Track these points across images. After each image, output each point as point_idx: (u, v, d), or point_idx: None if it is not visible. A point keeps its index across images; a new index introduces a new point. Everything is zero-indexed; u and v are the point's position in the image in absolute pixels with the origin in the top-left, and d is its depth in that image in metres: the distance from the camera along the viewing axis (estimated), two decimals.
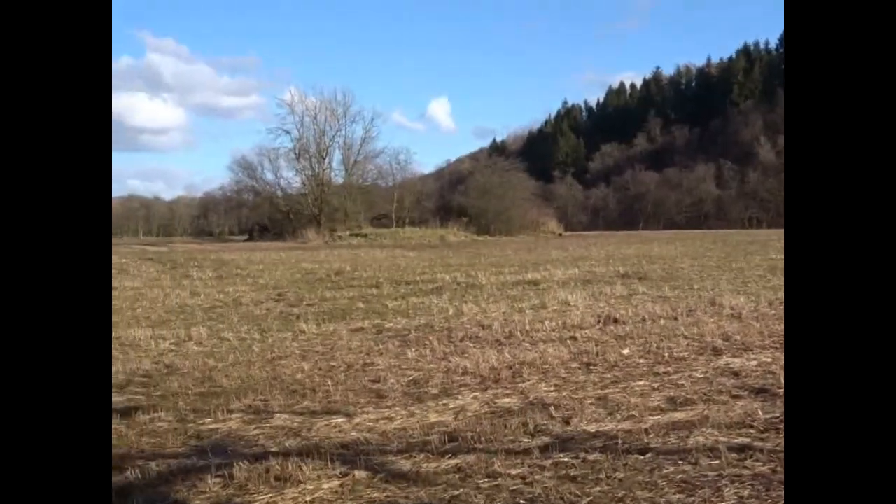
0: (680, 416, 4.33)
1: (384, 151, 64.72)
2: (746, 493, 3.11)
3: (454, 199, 68.64)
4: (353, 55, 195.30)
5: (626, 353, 6.35)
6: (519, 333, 7.52)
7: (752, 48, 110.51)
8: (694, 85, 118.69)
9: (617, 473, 3.38)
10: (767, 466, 3.38)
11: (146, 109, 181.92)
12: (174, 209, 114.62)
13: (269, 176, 63.46)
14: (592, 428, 4.14)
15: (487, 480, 3.35)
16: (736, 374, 5.41)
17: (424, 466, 3.58)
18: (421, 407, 4.75)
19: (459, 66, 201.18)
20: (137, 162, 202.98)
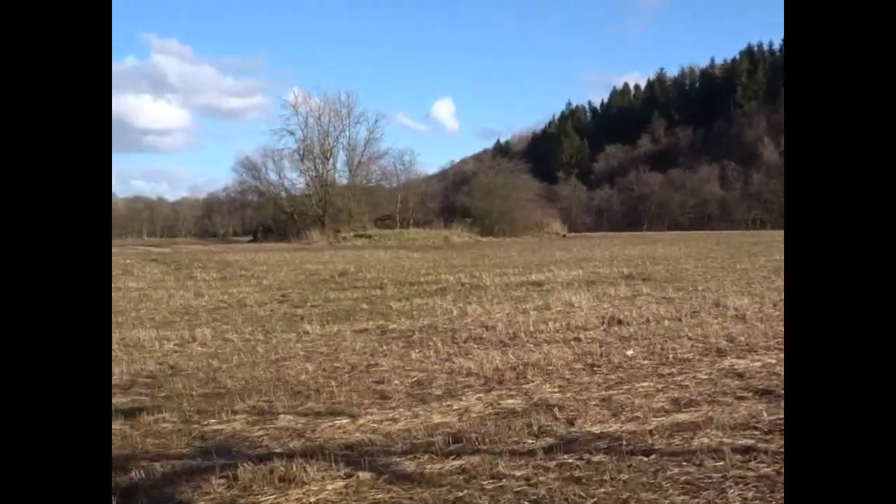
0: (684, 417, 4.33)
1: (388, 152, 64.86)
2: (751, 494, 3.10)
3: (458, 200, 68.64)
4: (357, 56, 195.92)
5: (630, 354, 6.35)
6: (523, 334, 7.52)
7: (755, 49, 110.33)
8: (698, 86, 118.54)
9: (621, 475, 3.38)
10: (772, 468, 3.38)
11: (150, 110, 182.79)
12: (178, 210, 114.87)
13: (272, 177, 63.53)
14: (597, 429, 4.14)
15: (492, 482, 3.36)
16: (740, 375, 5.40)
17: (428, 467, 3.58)
18: (425, 408, 4.75)
19: (463, 67, 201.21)
20: (142, 163, 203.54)
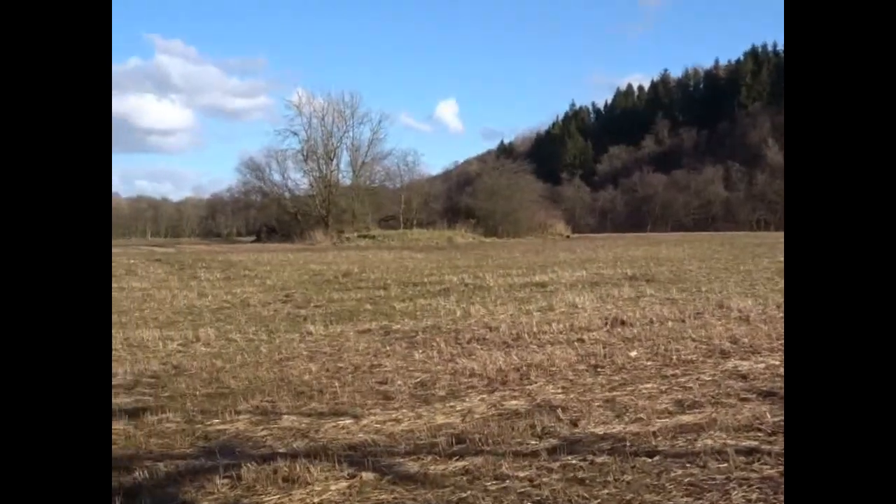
0: (688, 418, 4.32)
1: (392, 153, 64.75)
2: (754, 496, 3.10)
3: (462, 200, 68.60)
4: (360, 57, 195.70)
5: (633, 355, 6.34)
6: (526, 335, 7.52)
7: (759, 50, 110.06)
8: (702, 87, 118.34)
9: (625, 476, 3.38)
10: (775, 469, 3.37)
11: (154, 111, 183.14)
12: (182, 210, 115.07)
13: (276, 177, 63.52)
14: (600, 430, 4.14)
15: (495, 482, 3.36)
16: (744, 376, 5.39)
17: (432, 468, 3.58)
18: (428, 409, 4.75)
19: (467, 67, 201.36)
20: (145, 163, 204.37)
